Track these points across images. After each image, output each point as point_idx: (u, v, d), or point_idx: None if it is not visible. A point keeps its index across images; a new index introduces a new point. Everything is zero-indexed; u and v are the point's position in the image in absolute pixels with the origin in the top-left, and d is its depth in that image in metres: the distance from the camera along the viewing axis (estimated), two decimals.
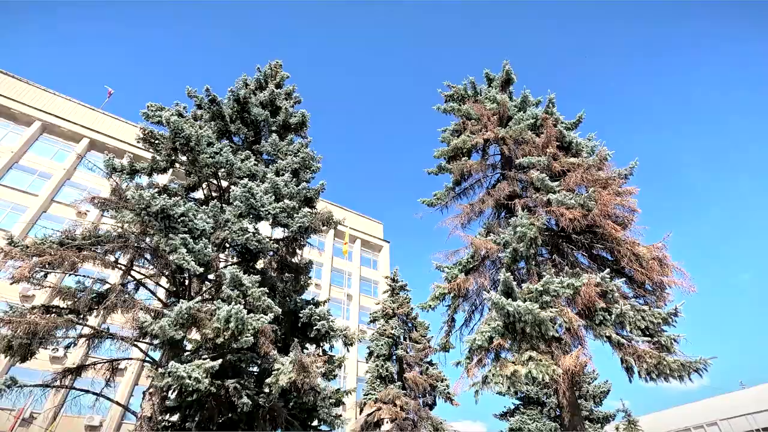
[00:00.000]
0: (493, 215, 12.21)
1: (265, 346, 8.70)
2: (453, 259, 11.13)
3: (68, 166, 30.28)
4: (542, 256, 10.66)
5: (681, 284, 8.79)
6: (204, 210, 10.11)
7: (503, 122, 12.80)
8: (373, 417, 19.22)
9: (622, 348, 7.95)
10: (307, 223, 11.30)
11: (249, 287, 8.72)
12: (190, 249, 8.44)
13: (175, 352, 9.35)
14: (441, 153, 13.60)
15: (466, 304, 10.99)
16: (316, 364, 9.16)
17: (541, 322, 7.70)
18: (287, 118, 14.73)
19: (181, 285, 10.67)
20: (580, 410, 9.34)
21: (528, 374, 7.41)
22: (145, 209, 8.47)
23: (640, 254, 8.99)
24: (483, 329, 8.42)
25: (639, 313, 8.15)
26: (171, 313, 7.59)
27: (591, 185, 9.84)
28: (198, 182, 13.00)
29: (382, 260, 46.57)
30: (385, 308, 23.46)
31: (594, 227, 9.56)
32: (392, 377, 20.87)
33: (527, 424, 21.86)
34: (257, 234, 10.67)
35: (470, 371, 8.29)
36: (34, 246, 8.68)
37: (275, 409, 10.77)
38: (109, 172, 11.09)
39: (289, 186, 11.68)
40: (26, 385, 8.03)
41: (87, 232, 9.59)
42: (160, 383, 7.38)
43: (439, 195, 12.95)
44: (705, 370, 7.47)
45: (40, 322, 7.71)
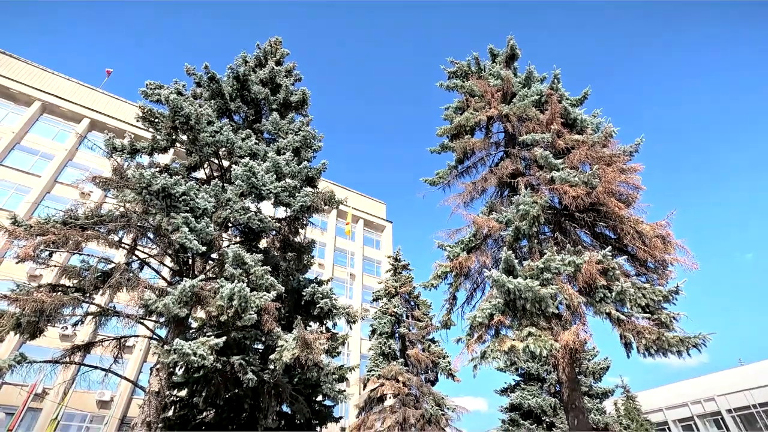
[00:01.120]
0: (496, 194, 12.14)
1: (269, 324, 8.82)
2: (455, 238, 11.13)
3: (70, 146, 30.22)
4: (544, 234, 10.64)
5: (683, 262, 8.78)
6: (205, 189, 10.10)
7: (507, 99, 12.58)
8: (376, 392, 19.65)
9: (621, 324, 8.01)
10: (309, 202, 11.28)
11: (251, 266, 8.77)
12: (192, 228, 8.47)
13: (181, 329, 9.51)
14: (444, 131, 13.43)
15: (467, 283, 11.05)
16: (319, 341, 9.30)
17: (542, 299, 7.74)
18: (288, 96, 14.54)
19: (185, 264, 10.76)
20: (580, 386, 9.49)
21: (526, 349, 7.49)
22: (146, 188, 8.47)
23: (644, 232, 8.94)
24: (484, 306, 8.48)
25: (639, 291, 8.17)
26: (175, 291, 7.68)
27: (595, 162, 9.72)
28: (199, 162, 12.95)
29: (385, 240, 46.75)
30: (388, 287, 23.67)
31: (597, 205, 9.49)
32: (395, 354, 21.22)
33: (527, 399, 22.30)
34: (259, 213, 10.68)
35: (470, 347, 8.40)
36: (37, 225, 8.74)
37: (280, 384, 11.01)
38: (110, 152, 11.05)
39: (291, 165, 11.62)
40: (35, 361, 8.21)
41: (90, 211, 9.62)
42: (166, 360, 7.52)
43: (442, 174, 12.86)
44: (704, 345, 7.53)
45: (47, 299, 7.82)
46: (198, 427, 13.82)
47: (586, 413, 9.10)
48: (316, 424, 15.57)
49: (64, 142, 30.41)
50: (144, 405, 8.59)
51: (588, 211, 9.99)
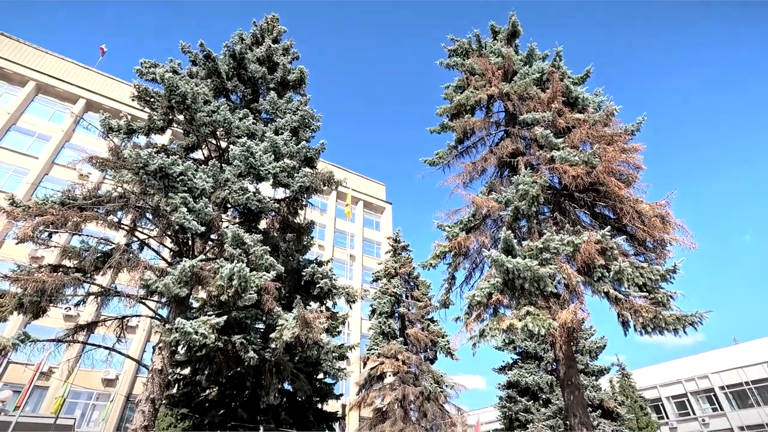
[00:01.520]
0: (496, 174, 12.07)
1: (269, 303, 8.90)
2: (454, 218, 11.13)
3: (66, 127, 29.93)
4: (543, 214, 10.63)
5: (682, 241, 8.79)
6: (203, 169, 10.04)
7: (508, 77, 12.37)
8: (376, 370, 20.00)
9: (619, 303, 8.08)
10: (308, 182, 11.22)
11: (251, 246, 8.79)
12: (190, 208, 8.45)
13: (182, 309, 9.60)
14: (443, 110, 13.27)
15: (466, 262, 11.10)
16: (319, 320, 9.40)
17: (540, 278, 7.79)
18: (285, 75, 14.30)
19: (185, 245, 10.79)
20: (576, 363, 9.64)
21: (524, 328, 7.58)
22: (143, 168, 8.41)
23: (643, 212, 8.92)
24: (482, 286, 8.54)
25: (637, 270, 8.21)
26: (175, 271, 7.72)
27: (596, 142, 9.63)
28: (197, 142, 12.83)
29: (385, 222, 46.82)
30: (388, 268, 23.82)
31: (597, 185, 9.45)
32: (394, 333, 21.51)
33: (524, 377, 22.72)
34: (258, 194, 10.65)
35: (469, 326, 8.49)
36: (36, 206, 8.72)
37: (281, 362, 11.18)
38: (106, 132, 10.94)
39: (289, 145, 11.52)
40: (39, 339, 8.31)
41: (88, 192, 9.58)
42: (168, 338, 7.62)
43: (441, 154, 12.76)
44: (700, 323, 7.61)
45: (47, 279, 7.87)
46: (201, 404, 14.13)
47: (581, 390, 9.27)
48: (317, 400, 15.93)
49: (61, 123, 30.10)
50: (148, 382, 8.74)
51: (588, 191, 9.95)
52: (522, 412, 22.26)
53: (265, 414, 13.74)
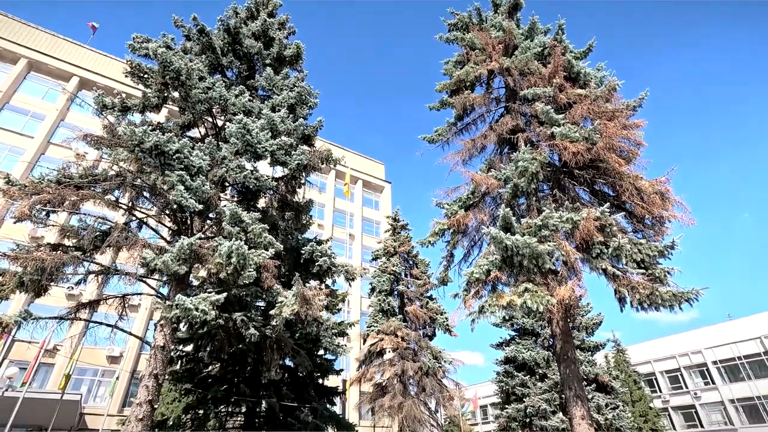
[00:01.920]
0: (495, 151, 11.96)
1: (269, 281, 8.95)
2: (453, 196, 11.09)
3: (61, 106, 29.50)
4: (543, 191, 10.58)
5: (681, 218, 8.79)
6: (200, 147, 9.93)
7: (509, 52, 12.10)
8: (376, 347, 20.33)
9: (616, 279, 8.14)
10: (306, 160, 11.12)
11: (249, 224, 8.78)
12: (187, 186, 8.40)
13: (182, 287, 9.66)
14: (443, 86, 13.04)
15: (465, 240, 11.12)
16: (318, 297, 9.48)
17: (539, 255, 7.81)
18: (281, 50, 13.98)
19: (183, 224, 10.77)
20: (572, 338, 9.78)
21: (523, 304, 7.65)
22: (139, 146, 8.31)
23: (642, 188, 8.88)
24: (481, 263, 8.58)
25: (636, 247, 8.23)
26: (173, 249, 7.73)
27: (597, 118, 9.49)
28: (193, 120, 12.65)
29: (384, 201, 46.78)
30: (387, 247, 23.92)
31: (597, 161, 9.37)
32: (394, 311, 21.77)
33: (521, 352, 23.14)
34: (255, 171, 10.57)
35: (467, 302, 8.57)
36: (32, 185, 8.66)
37: (281, 339, 11.34)
38: (100, 110, 10.77)
39: (286, 122, 11.36)
40: (41, 317, 8.40)
41: (83, 170, 9.51)
42: (169, 315, 7.69)
43: (441, 131, 12.60)
44: (696, 300, 7.69)
45: (46, 258, 7.88)
46: (204, 379, 14.41)
47: (577, 364, 9.44)
48: (318, 376, 16.25)
49: (55, 101, 29.65)
50: (150, 359, 8.88)
51: (587, 168, 9.88)
52: (518, 386, 22.77)
53: (266, 389, 14.03)
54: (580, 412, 8.60)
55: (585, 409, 8.67)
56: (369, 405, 20.58)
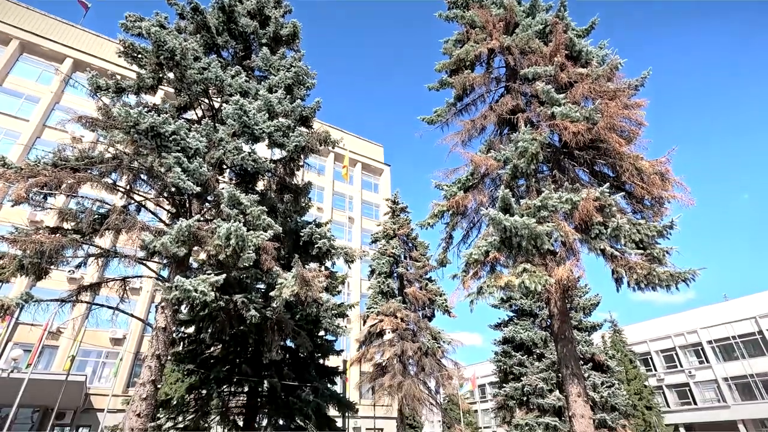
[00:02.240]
0: (495, 132, 11.85)
1: (268, 263, 8.98)
2: (452, 177, 11.04)
3: (55, 88, 29.10)
4: (542, 172, 10.53)
5: (680, 198, 8.77)
6: (196, 129, 9.84)
7: (509, 30, 11.86)
8: (375, 328, 20.58)
9: (614, 260, 8.17)
10: (304, 142, 11.02)
11: (248, 206, 8.76)
12: (184, 168, 8.34)
13: (182, 269, 9.69)
14: (442, 66, 12.83)
15: (464, 222, 11.12)
16: (318, 279, 9.53)
17: (537, 236, 7.82)
18: (278, 30, 13.70)
19: (182, 206, 10.74)
20: (570, 318, 9.88)
21: (521, 284, 7.69)
22: (134, 127, 8.21)
23: (643, 168, 8.83)
24: (480, 244, 8.59)
25: (635, 227, 8.24)
26: (172, 231, 7.73)
27: (598, 97, 9.37)
28: (189, 102, 12.48)
29: (383, 184, 46.65)
30: (386, 229, 23.97)
31: (598, 142, 9.30)
32: (393, 293, 21.96)
33: (519, 333, 23.44)
34: (253, 153, 10.49)
35: (466, 283, 8.62)
36: (28, 168, 8.59)
37: (282, 320, 11.44)
38: (94, 91, 10.61)
39: (283, 103, 11.21)
40: (42, 300, 8.45)
41: (79, 153, 9.43)
42: (169, 296, 7.74)
43: (440, 111, 12.45)
44: (693, 279, 7.73)
45: (45, 241, 7.88)
46: (206, 360, 14.62)
47: (574, 343, 9.56)
48: (319, 356, 16.48)
49: (50, 83, 29.23)
50: (153, 340, 8.98)
51: (588, 148, 9.81)
52: (516, 366, 23.15)
53: (268, 369, 14.26)
54: (576, 389, 8.75)
55: (581, 387, 8.83)
56: (369, 384, 20.97)
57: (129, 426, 8.00)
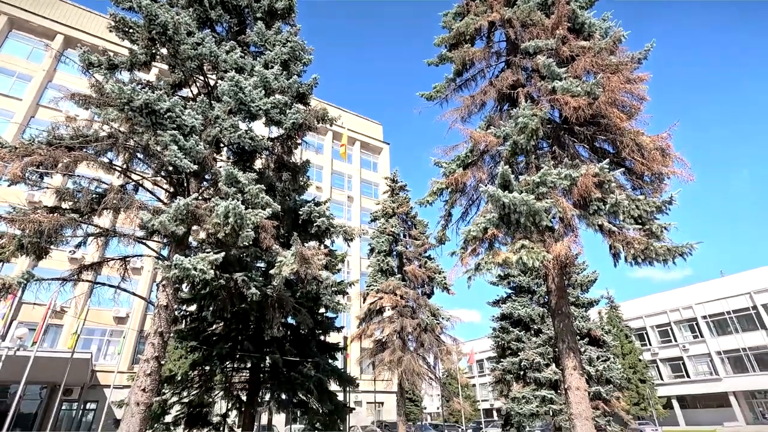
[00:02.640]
0: (495, 108, 11.68)
1: (267, 241, 9.01)
2: (452, 155, 10.94)
3: (47, 66, 28.57)
4: (542, 149, 10.45)
5: (680, 174, 8.73)
6: (191, 106, 9.69)
7: (511, 1, 11.55)
8: (375, 305, 20.85)
9: (612, 235, 8.20)
10: (301, 119, 10.89)
11: (246, 184, 8.72)
12: (181, 146, 8.25)
13: (181, 248, 9.73)
14: (442, 40, 12.55)
15: (463, 199, 11.10)
16: (318, 257, 9.59)
17: (536, 212, 7.81)
18: (273, 3, 13.31)
19: (180, 185, 10.69)
20: (567, 294, 9.99)
21: (519, 261, 7.74)
22: (128, 104, 8.08)
23: (643, 144, 8.76)
24: (478, 221, 8.60)
25: (633, 203, 8.23)
26: (170, 210, 7.71)
27: (600, 71, 9.20)
28: (183, 79, 12.25)
29: (382, 162, 46.39)
30: (386, 208, 23.97)
31: (598, 117, 9.18)
32: (393, 270, 22.14)
33: (517, 309, 23.77)
34: (250, 131, 10.37)
35: (464, 260, 8.67)
36: (22, 147, 8.51)
37: (282, 298, 11.56)
38: (86, 68, 10.38)
39: (280, 80, 11.02)
40: (43, 279, 8.51)
41: (74, 132, 9.31)
42: (168, 275, 7.78)
43: (439, 87, 12.25)
44: (690, 254, 7.77)
45: (43, 220, 7.88)
46: (209, 337, 14.85)
47: (571, 318, 9.70)
48: (320, 333, 16.74)
49: (41, 61, 28.67)
50: (155, 317, 9.09)
51: (588, 124, 9.70)
52: (514, 341, 23.57)
53: (269, 345, 14.50)
54: (572, 363, 8.92)
55: (577, 361, 9.00)
56: (369, 360, 21.39)
57: (135, 400, 8.19)
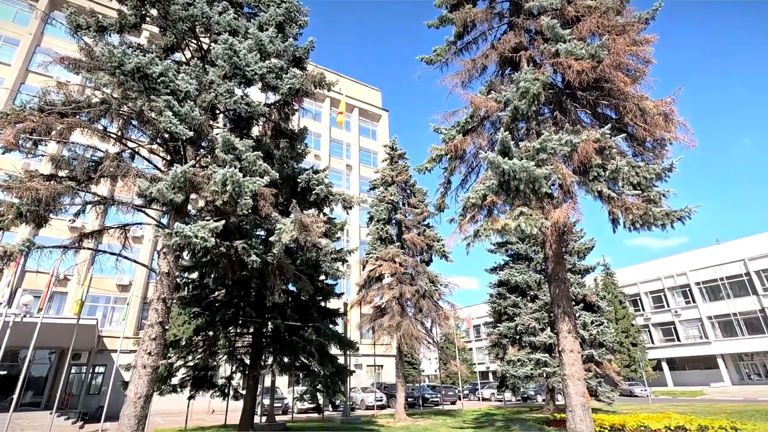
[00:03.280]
0: (497, 72, 11.40)
1: (266, 209, 9.01)
2: (451, 121, 10.76)
3: (34, 29, 27.60)
4: (543, 115, 10.27)
5: (682, 139, 8.63)
6: (185, 70, 9.43)
7: None
8: (374, 272, 21.13)
9: (611, 201, 8.20)
10: (298, 84, 10.63)
11: (243, 151, 8.62)
12: (176, 112, 8.09)
13: (180, 216, 9.74)
14: (442, 1, 12.08)
15: (462, 166, 11.02)
16: (317, 224, 9.62)
17: (535, 179, 7.77)
18: None
19: (176, 153, 10.57)
20: (564, 261, 10.12)
21: (517, 227, 7.77)
22: (119, 68, 7.86)
23: (646, 109, 8.61)
24: (477, 188, 8.57)
25: (634, 169, 8.18)
26: (167, 177, 7.66)
27: (606, 32, 8.91)
28: (176, 42, 11.84)
29: (381, 130, 45.75)
30: (384, 176, 23.86)
31: (602, 81, 8.98)
32: (392, 239, 22.31)
33: (514, 276, 24.12)
34: (246, 97, 10.15)
35: (463, 227, 8.70)
36: (14, 113, 8.34)
37: (283, 265, 11.69)
38: (74, 30, 10.04)
39: (275, 43, 10.67)
40: (44, 246, 8.56)
41: (65, 97, 9.09)
42: (170, 242, 7.83)
43: (439, 51, 11.89)
44: (688, 218, 7.80)
45: (41, 188, 7.83)
46: (211, 303, 15.13)
47: (567, 284, 9.86)
48: (320, 299, 17.04)
49: (27, 24, 27.66)
50: (157, 284, 9.21)
51: (591, 88, 9.50)
52: (510, 307, 24.06)
53: (271, 311, 14.80)
54: (567, 327, 9.15)
55: (572, 324, 9.23)
56: (369, 325, 21.91)
57: (141, 363, 8.43)
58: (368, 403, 27.65)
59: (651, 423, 12.61)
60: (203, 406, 24.07)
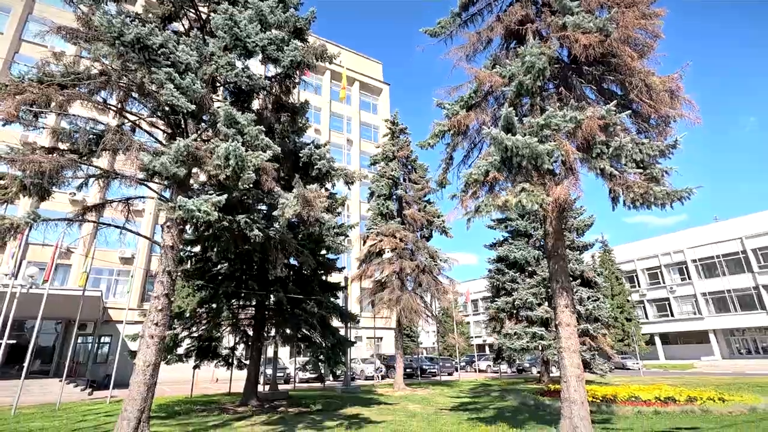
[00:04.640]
0: (502, 45, 11.16)
1: (269, 183, 9.03)
2: (455, 95, 10.61)
3: None
4: (548, 90, 10.13)
5: (687, 116, 8.56)
6: (185, 41, 9.25)
7: None
8: (375, 247, 21.33)
9: (613, 179, 8.21)
10: (299, 57, 10.46)
11: (245, 125, 8.57)
12: (177, 85, 8.00)
13: (183, 190, 9.77)
14: None
15: (465, 142, 10.94)
16: (319, 199, 9.67)
17: (538, 155, 7.76)
18: None
19: (178, 126, 10.50)
20: (564, 237, 10.21)
21: (518, 203, 7.81)
22: (119, 38, 7.72)
23: (653, 85, 8.50)
24: (479, 164, 8.56)
25: (637, 146, 8.15)
26: (170, 151, 7.65)
27: (615, 5, 8.70)
28: (174, 11, 11.57)
29: (382, 104, 45.10)
30: (386, 151, 23.73)
31: (609, 56, 8.82)
32: (392, 214, 22.39)
33: (513, 252, 24.36)
34: (247, 69, 10.00)
35: (464, 203, 8.73)
36: (13, 84, 8.24)
37: (285, 239, 11.81)
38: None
39: (276, 13, 10.43)
40: (50, 219, 8.62)
41: (65, 68, 8.96)
42: (173, 216, 7.90)
43: (443, 23, 11.60)
44: (689, 197, 7.84)
45: (44, 161, 7.84)
46: (215, 276, 15.35)
47: (566, 260, 10.00)
48: (322, 273, 17.28)
49: None
50: (161, 257, 9.34)
51: (598, 63, 9.34)
52: (509, 282, 24.42)
53: (274, 284, 15.04)
54: (564, 301, 9.34)
55: (569, 299, 9.41)
56: (369, 299, 22.29)
57: (148, 333, 8.66)
58: (368, 373, 28.46)
59: (642, 394, 13.05)
60: (208, 375, 24.78)
